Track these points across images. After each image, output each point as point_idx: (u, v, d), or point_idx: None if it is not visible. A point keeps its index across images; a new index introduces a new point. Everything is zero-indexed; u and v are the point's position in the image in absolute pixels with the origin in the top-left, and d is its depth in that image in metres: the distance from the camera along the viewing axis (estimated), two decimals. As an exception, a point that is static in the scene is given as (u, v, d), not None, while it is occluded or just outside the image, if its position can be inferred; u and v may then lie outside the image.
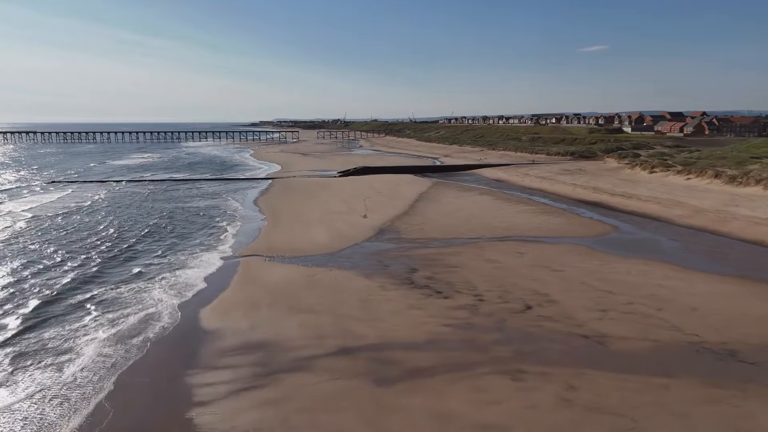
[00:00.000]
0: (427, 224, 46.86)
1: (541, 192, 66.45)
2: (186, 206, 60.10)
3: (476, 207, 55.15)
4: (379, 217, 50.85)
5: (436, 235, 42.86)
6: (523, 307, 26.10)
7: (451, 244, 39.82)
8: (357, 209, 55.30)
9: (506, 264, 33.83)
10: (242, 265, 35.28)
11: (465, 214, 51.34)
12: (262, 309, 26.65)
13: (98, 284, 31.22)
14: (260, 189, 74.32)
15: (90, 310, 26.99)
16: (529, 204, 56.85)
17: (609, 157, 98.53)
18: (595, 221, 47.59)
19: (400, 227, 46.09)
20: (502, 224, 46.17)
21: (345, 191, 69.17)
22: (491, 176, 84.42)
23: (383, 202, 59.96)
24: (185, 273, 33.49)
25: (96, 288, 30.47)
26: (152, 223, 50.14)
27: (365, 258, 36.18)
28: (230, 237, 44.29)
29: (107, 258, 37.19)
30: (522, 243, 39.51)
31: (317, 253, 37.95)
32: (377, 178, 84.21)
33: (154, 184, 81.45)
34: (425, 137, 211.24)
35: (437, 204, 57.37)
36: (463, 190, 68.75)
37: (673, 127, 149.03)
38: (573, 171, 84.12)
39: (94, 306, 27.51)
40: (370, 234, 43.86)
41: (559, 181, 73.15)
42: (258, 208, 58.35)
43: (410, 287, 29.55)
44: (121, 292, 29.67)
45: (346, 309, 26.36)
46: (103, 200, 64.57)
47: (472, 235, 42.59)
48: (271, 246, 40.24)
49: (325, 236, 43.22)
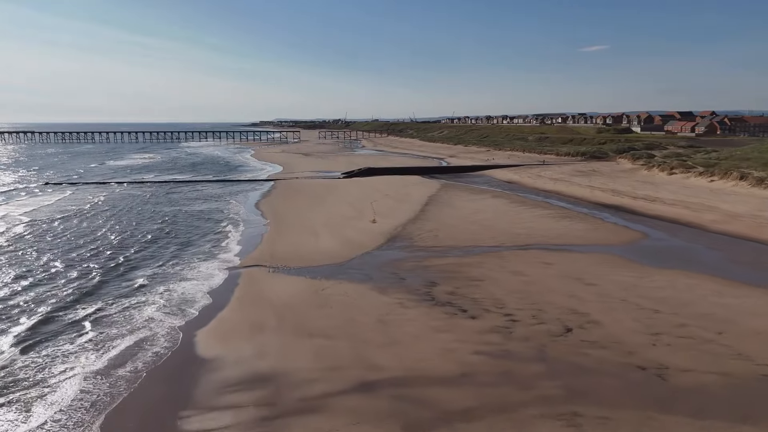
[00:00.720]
0: (442, 230, 43.83)
1: (557, 195, 63.39)
2: (185, 209, 57.12)
3: (492, 211, 52.11)
4: (389, 222, 47.84)
5: (453, 242, 39.84)
6: (562, 329, 23.07)
7: (470, 253, 36.79)
8: (365, 213, 52.29)
9: (534, 276, 30.79)
10: (244, 277, 32.26)
11: (481, 218, 48.31)
12: (266, 332, 23.64)
13: (88, 301, 28.21)
14: (262, 191, 71.32)
15: (76, 332, 23.99)
16: (548, 208, 53.79)
17: (622, 158, 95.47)
18: (621, 227, 44.54)
19: (413, 233, 43.07)
20: (523, 230, 43.13)
21: (351, 193, 66.17)
22: (502, 178, 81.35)
23: (392, 205, 56.95)
24: (182, 287, 30.47)
25: (85, 306, 27.47)
26: (150, 228, 47.15)
27: (378, 269, 33.16)
28: (231, 244, 41.29)
29: (101, 269, 34.17)
30: (547, 252, 36.47)
31: (325, 262, 34.95)
32: (383, 179, 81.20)
33: (153, 186, 78.46)
34: (428, 137, 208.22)
35: (450, 208, 54.33)
36: (475, 192, 65.71)
37: (683, 127, 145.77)
38: (586, 172, 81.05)
39: (80, 328, 24.50)
40: (380, 241, 40.85)
41: (574, 183, 70.08)
42: (260, 212, 55.34)
43: (431, 304, 26.53)
44: (110, 312, 26.65)
45: (362, 332, 23.34)
46: (102, 203, 61.56)
47: (491, 242, 39.56)
48: (275, 254, 37.24)
49: (332, 243, 40.23)
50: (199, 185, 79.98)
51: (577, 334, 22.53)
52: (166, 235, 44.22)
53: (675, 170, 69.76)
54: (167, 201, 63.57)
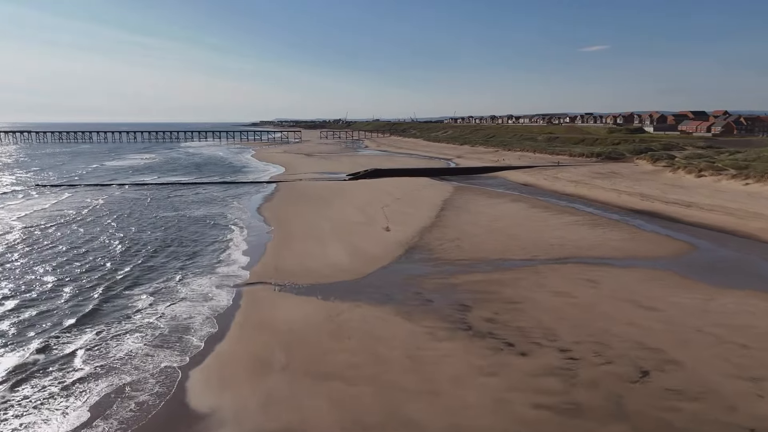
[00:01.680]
0: (464, 240, 39.68)
1: (581, 199, 59.21)
2: (185, 215, 52.96)
3: (515, 217, 47.95)
4: (404, 229, 43.70)
5: (479, 254, 35.69)
6: (635, 371, 18.90)
7: (501, 267, 32.64)
8: (376, 219, 48.15)
9: (581, 298, 26.64)
10: (247, 297, 28.13)
11: (505, 226, 44.15)
12: (274, 373, 19.48)
13: (65, 329, 24.11)
14: (264, 194, 67.17)
15: (42, 377, 19.86)
16: (575, 214, 49.61)
17: (640, 159, 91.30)
18: (662, 236, 40.36)
19: (432, 243, 38.93)
20: (555, 240, 38.98)
21: (359, 197, 62.03)
22: (516, 180, 77.16)
23: (405, 210, 52.79)
24: (178, 310, 26.33)
25: (68, 336, 23.35)
26: (148, 237, 43.03)
27: (399, 287, 29.02)
28: (233, 255, 37.17)
29: (91, 287, 30.08)
30: (587, 267, 32.30)
31: (337, 279, 30.83)
32: (391, 181, 77.05)
33: (152, 189, 74.33)
34: (432, 137, 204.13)
35: (468, 213, 50.16)
36: (492, 196, 61.54)
37: (699, 127, 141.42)
38: (606, 174, 76.86)
39: (46, 372, 20.38)
40: (398, 252, 36.72)
41: (596, 185, 65.90)
42: (263, 217, 51.18)
43: (469, 335, 22.38)
44: (93, 343, 22.52)
45: (390, 372, 19.20)
46: (100, 208, 57.34)
47: (522, 254, 35.39)
48: (280, 268, 33.11)
49: (344, 255, 36.09)
50: (199, 187, 75.87)
51: (657, 378, 18.35)
52: (164, 246, 40.07)
53: (703, 172, 65.58)
54: (166, 205, 59.42)
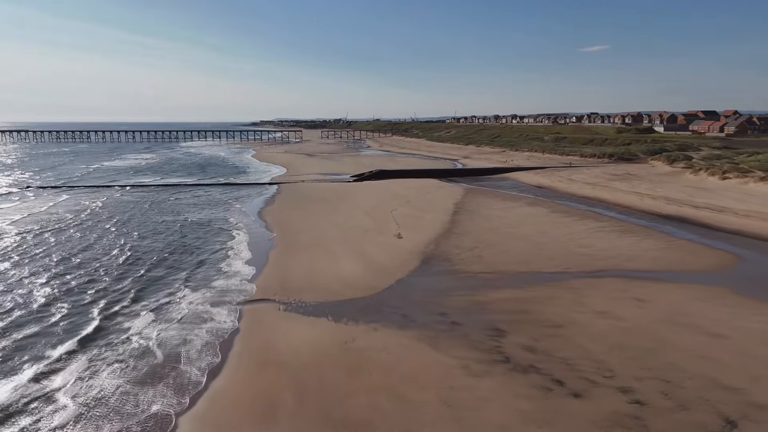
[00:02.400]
0: (484, 249, 36.38)
1: (601, 202, 55.88)
2: (182, 220, 49.62)
3: (536, 223, 44.62)
4: (417, 236, 40.41)
5: (503, 265, 32.39)
6: (720, 421, 15.61)
7: (530, 281, 29.34)
8: (387, 225, 44.85)
9: (631, 321, 23.33)
10: (249, 318, 24.84)
11: (526, 233, 40.83)
12: (281, 421, 16.19)
13: (47, 358, 20.83)
14: (265, 197, 63.85)
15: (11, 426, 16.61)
16: (599, 219, 46.27)
17: (654, 160, 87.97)
18: (700, 245, 37.04)
19: (450, 252, 35.62)
20: (584, 249, 35.66)
21: (365, 200, 58.71)
22: (529, 182, 73.82)
23: (416, 215, 49.47)
24: (171, 335, 23.04)
25: (35, 370, 20.07)
26: (143, 245, 39.76)
27: (420, 306, 25.72)
28: (233, 265, 33.90)
29: (80, 306, 26.83)
30: (628, 281, 28.99)
31: (349, 295, 27.54)
32: (398, 183, 73.73)
33: (149, 191, 70.99)
34: (436, 137, 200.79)
35: (484, 219, 46.84)
36: (506, 199, 58.22)
37: (711, 127, 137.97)
38: (622, 175, 73.54)
39: (21, 414, 17.11)
40: (413, 263, 33.42)
41: (615, 188, 62.57)
42: (264, 222, 47.89)
43: (508, 369, 19.08)
44: (72, 378, 19.23)
45: (421, 421, 15.91)
46: (96, 212, 53.94)
47: (551, 266, 32.08)
48: (285, 283, 29.82)
49: (354, 266, 32.79)
50: (198, 189, 72.53)
51: (748, 431, 15.05)
52: (161, 257, 36.78)
53: (728, 174, 62.25)
54: (164, 209, 56.04)
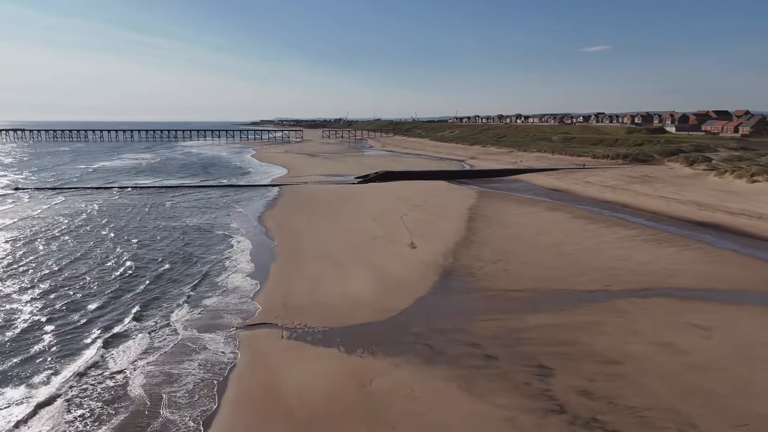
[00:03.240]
0: (510, 261, 32.76)
1: (624, 207, 52.25)
2: (178, 226, 45.95)
3: (560, 231, 41.00)
4: (432, 246, 36.81)
5: (533, 281, 28.80)
6: None
7: (568, 301, 25.75)
8: (398, 232, 41.25)
9: (698, 355, 19.72)
10: (246, 349, 21.24)
11: (552, 242, 37.21)
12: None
13: (8, 403, 17.26)
14: (266, 200, 60.25)
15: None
16: (628, 226, 42.64)
17: (672, 161, 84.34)
18: (748, 257, 33.42)
19: (472, 266, 32.00)
20: (620, 262, 32.04)
21: (372, 204, 55.11)
22: (543, 184, 70.22)
23: (428, 220, 45.87)
24: (159, 369, 19.44)
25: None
26: (135, 255, 36.20)
27: (447, 335, 22.12)
28: (230, 280, 30.35)
29: (60, 332, 23.26)
30: (681, 302, 25.39)
31: (362, 319, 23.98)
32: (405, 185, 70.13)
33: (145, 193, 67.39)
34: (439, 137, 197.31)
35: (503, 225, 43.21)
36: (522, 203, 54.58)
37: (725, 127, 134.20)
38: (641, 178, 69.93)
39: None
40: (432, 278, 29.84)
41: (637, 191, 58.95)
42: (265, 228, 44.31)
43: (567, 423, 15.47)
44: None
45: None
46: (91, 216, 50.35)
47: (588, 283, 28.47)
48: (288, 302, 26.25)
49: (366, 281, 29.22)
50: (196, 191, 68.94)
51: None
52: (153, 270, 33.25)
53: (757, 177, 58.65)
54: (160, 213, 52.34)
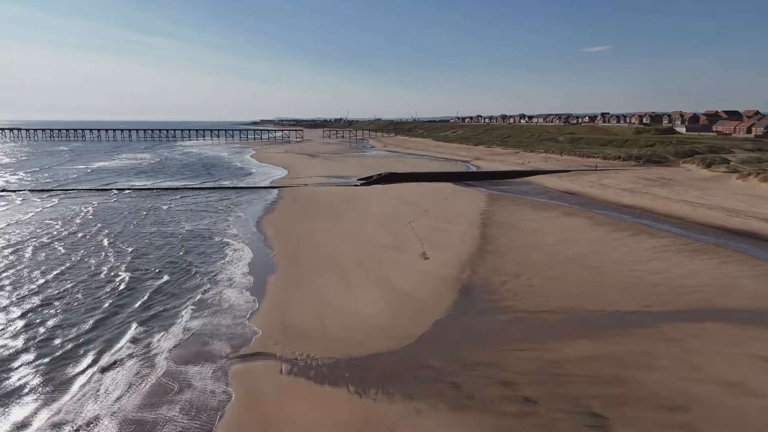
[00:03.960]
0: (533, 274, 29.55)
1: (646, 212, 49.03)
2: (168, 231, 42.89)
3: (582, 239, 37.76)
4: (446, 256, 33.61)
5: (564, 299, 25.59)
6: None
7: (607, 325, 22.55)
8: (407, 241, 38.04)
9: (778, 398, 16.49)
10: (237, 388, 18.03)
11: (577, 253, 33.97)
12: None
13: None
14: (265, 203, 57.05)
15: None
16: (655, 234, 39.38)
17: (687, 163, 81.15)
18: (798, 272, 30.19)
19: (492, 280, 28.80)
20: (657, 277, 28.81)
21: (378, 208, 51.90)
22: (555, 186, 66.99)
23: (439, 227, 42.66)
24: (138, 416, 16.22)
25: None
26: (124, 267, 33.05)
27: (474, 369, 18.91)
28: (224, 298, 27.21)
29: (32, 360, 20.08)
30: (736, 328, 22.17)
31: (374, 348, 20.84)
32: (411, 187, 66.93)
33: (141, 196, 64.17)
34: (442, 137, 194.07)
35: (519, 233, 39.98)
36: (537, 207, 51.32)
37: (737, 128, 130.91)
38: (657, 180, 66.73)
39: None
40: (450, 295, 26.66)
41: (657, 195, 55.73)
42: (264, 235, 41.14)
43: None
44: None
45: None
46: (82, 222, 47.29)
47: (626, 302, 25.25)
48: (288, 323, 23.09)
49: (375, 300, 26.03)
50: (191, 193, 65.75)
51: None
52: (141, 289, 30.08)
53: (784, 180, 55.43)
54: (154, 218, 49.08)
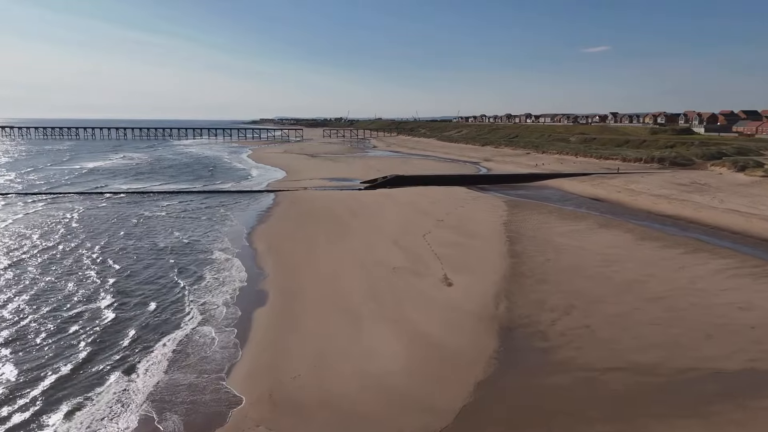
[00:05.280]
0: (588, 309, 23.64)
1: (692, 223, 43.09)
2: (144, 247, 37.06)
3: (631, 258, 31.79)
4: (473, 282, 27.71)
5: (637, 351, 19.73)
6: None
7: (712, 398, 16.66)
8: (424, 260, 32.12)
9: None
10: None
11: (630, 278, 28.01)
12: None
13: None
14: (258, 210, 51.13)
15: None
16: (718, 253, 33.33)
17: (716, 166, 75.26)
18: None
19: (539, 318, 22.90)
20: (750, 317, 22.90)
21: (386, 217, 45.98)
22: (579, 192, 61.04)
23: (459, 242, 36.72)
24: None
25: None
26: (72, 299, 27.15)
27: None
28: (195, 343, 21.27)
29: None
30: None
31: (395, 426, 14.84)
32: (420, 192, 61.03)
33: (124, 201, 58.20)
34: (446, 137, 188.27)
35: (554, 249, 34.01)
36: (566, 217, 45.35)
37: (760, 128, 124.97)
38: (692, 185, 60.81)
39: None
40: (489, 342, 20.79)
41: (698, 203, 49.79)
42: (254, 251, 35.29)
43: None
44: None
45: None
46: (67, 230, 41.41)
47: (722, 356, 19.38)
48: (278, 388, 17.29)
49: (395, 353, 20.17)
50: (177, 198, 59.82)
51: None
52: (101, 325, 24.19)
53: (840, 187, 49.50)
54: (127, 228, 43.22)
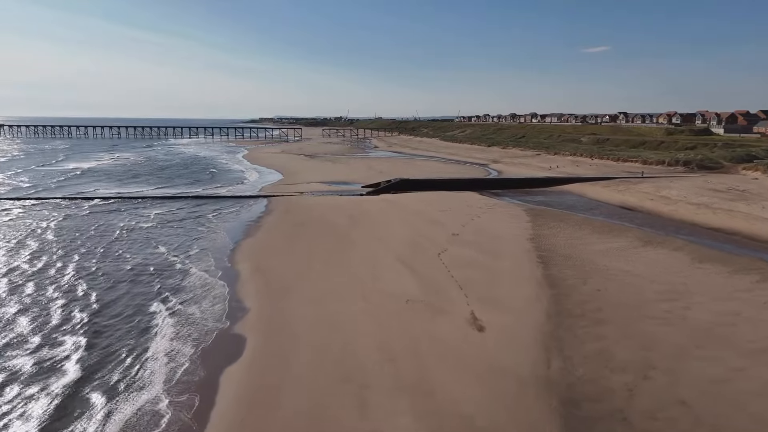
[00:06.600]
0: (672, 369, 17.77)
1: (750, 239, 37.19)
2: (116, 267, 31.08)
3: (701, 290, 25.88)
4: (509, 324, 21.81)
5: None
6: None
7: None
8: (443, 289, 26.20)
9: None
10: None
11: (710, 321, 22.12)
12: None
13: None
14: (248, 220, 45.17)
15: None
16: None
17: (749, 170, 69.50)
18: None
19: (607, 384, 17.06)
20: None
21: (394, 230, 40.03)
22: (606, 199, 55.10)
23: (481, 262, 30.77)
24: None
25: None
26: (22, 340, 21.21)
27: None
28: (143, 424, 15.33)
29: None
30: None
31: None
32: (429, 198, 55.11)
33: (104, 207, 52.15)
34: (449, 137, 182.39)
35: (599, 274, 28.06)
36: (600, 230, 39.39)
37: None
38: (731, 192, 54.89)
39: None
40: (548, 427, 14.78)
41: (748, 213, 43.84)
42: (237, 273, 29.39)
43: None
44: None
45: None
46: (34, 249, 35.54)
47: None
48: None
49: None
50: (160, 203, 53.87)
51: None
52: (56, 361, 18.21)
53: None
54: (105, 243, 37.31)
